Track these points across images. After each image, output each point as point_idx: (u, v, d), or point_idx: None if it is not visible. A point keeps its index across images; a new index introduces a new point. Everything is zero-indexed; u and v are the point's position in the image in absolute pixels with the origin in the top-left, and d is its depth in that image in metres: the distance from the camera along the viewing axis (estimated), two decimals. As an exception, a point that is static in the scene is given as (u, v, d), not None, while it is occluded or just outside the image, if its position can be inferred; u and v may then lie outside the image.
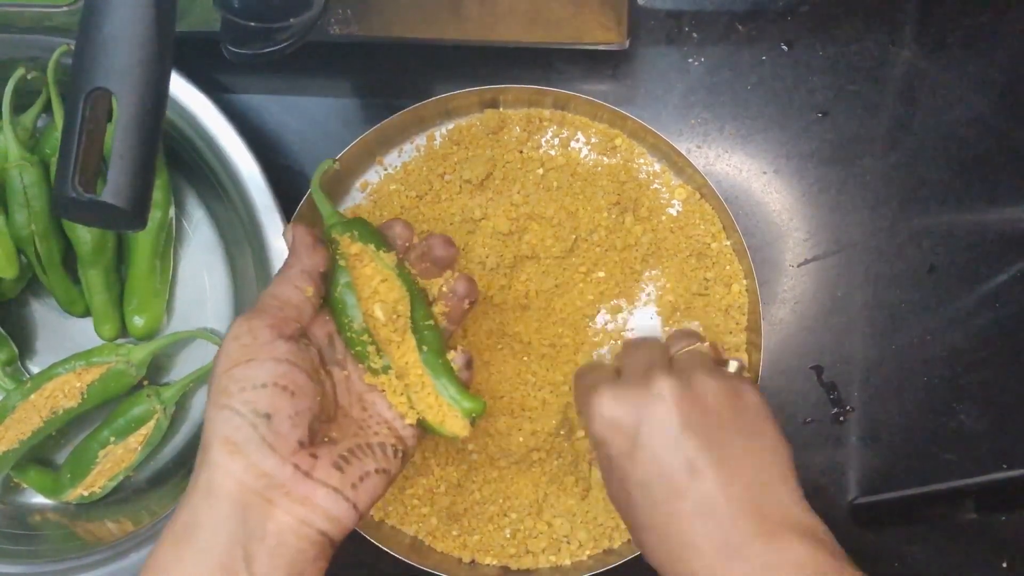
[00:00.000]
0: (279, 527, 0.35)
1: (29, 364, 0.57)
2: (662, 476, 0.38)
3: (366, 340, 0.42)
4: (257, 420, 0.36)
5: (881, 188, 0.56)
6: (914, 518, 0.55)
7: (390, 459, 0.40)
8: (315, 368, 0.40)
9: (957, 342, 0.55)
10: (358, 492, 0.38)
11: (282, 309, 0.40)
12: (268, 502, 0.36)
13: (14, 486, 0.56)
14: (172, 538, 0.36)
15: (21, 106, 0.52)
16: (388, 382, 0.42)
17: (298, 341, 0.39)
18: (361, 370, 0.43)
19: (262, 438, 0.36)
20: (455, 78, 0.55)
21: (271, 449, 0.36)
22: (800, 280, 0.56)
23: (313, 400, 0.38)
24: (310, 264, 0.42)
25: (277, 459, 0.36)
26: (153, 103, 0.35)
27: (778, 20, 0.56)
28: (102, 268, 0.53)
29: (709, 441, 0.38)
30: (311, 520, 0.36)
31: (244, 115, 0.57)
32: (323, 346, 0.42)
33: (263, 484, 0.36)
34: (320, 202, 0.46)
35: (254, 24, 0.45)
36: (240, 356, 0.37)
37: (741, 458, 0.38)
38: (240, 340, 0.38)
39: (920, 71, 0.56)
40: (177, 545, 0.35)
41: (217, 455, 0.36)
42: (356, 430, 0.41)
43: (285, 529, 0.36)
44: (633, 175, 0.54)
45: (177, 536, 0.36)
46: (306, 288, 0.41)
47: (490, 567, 0.53)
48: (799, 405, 0.56)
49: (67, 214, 0.35)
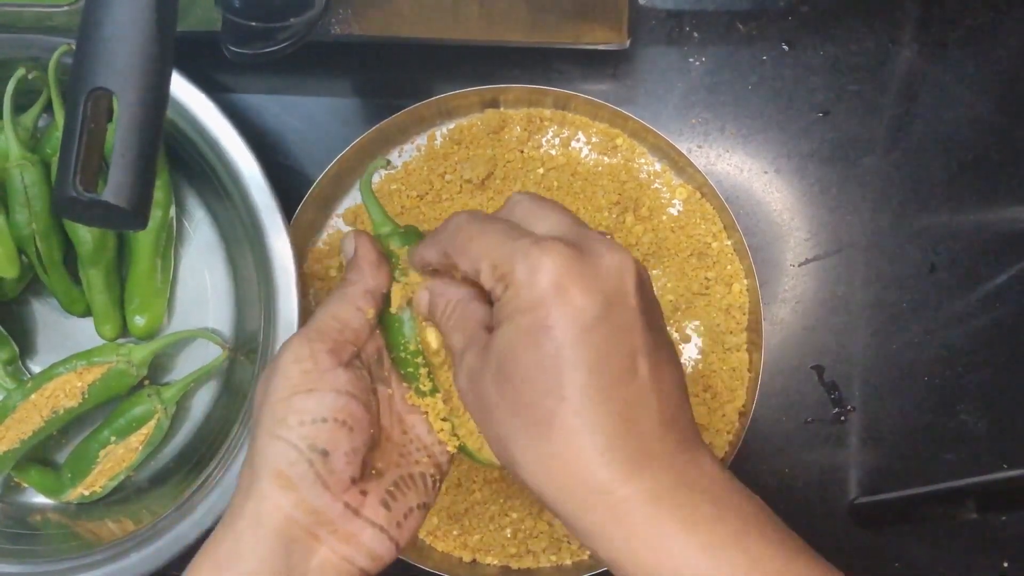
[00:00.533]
0: (322, 564, 0.35)
1: (30, 364, 0.57)
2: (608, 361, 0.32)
3: (419, 362, 0.40)
4: (314, 456, 0.35)
5: (881, 188, 0.56)
6: (914, 518, 0.55)
7: (430, 491, 0.39)
8: (368, 394, 0.38)
9: (957, 342, 0.55)
10: (402, 530, 0.37)
11: (342, 332, 0.38)
12: (314, 538, 0.35)
13: (15, 486, 0.56)
14: (213, 564, 0.35)
15: (22, 106, 0.52)
16: (433, 405, 0.40)
17: (354, 366, 0.38)
18: (404, 389, 0.41)
19: (317, 475, 0.35)
20: (455, 78, 0.55)
21: (324, 487, 0.35)
22: (801, 280, 0.56)
23: (367, 434, 0.37)
24: (374, 285, 0.39)
25: (329, 497, 0.35)
26: (154, 103, 0.35)
27: (779, 20, 0.56)
28: (103, 268, 0.53)
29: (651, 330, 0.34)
30: (354, 558, 0.36)
31: (245, 115, 0.57)
32: (372, 363, 0.40)
33: (311, 520, 0.35)
34: (371, 207, 0.42)
35: (255, 24, 0.45)
36: (301, 384, 0.36)
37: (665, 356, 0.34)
38: (301, 364, 0.36)
39: (920, 71, 0.56)
40: (218, 572, 0.35)
41: (268, 487, 0.35)
42: (398, 458, 0.39)
43: (328, 567, 0.35)
44: (634, 175, 0.54)
45: (219, 563, 0.35)
46: (368, 310, 0.39)
47: (491, 567, 0.53)
48: (799, 405, 0.56)
49: (68, 214, 0.35)
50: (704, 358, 0.54)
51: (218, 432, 0.54)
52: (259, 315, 0.52)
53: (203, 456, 0.54)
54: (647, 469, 0.32)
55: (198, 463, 0.54)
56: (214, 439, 0.54)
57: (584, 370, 0.32)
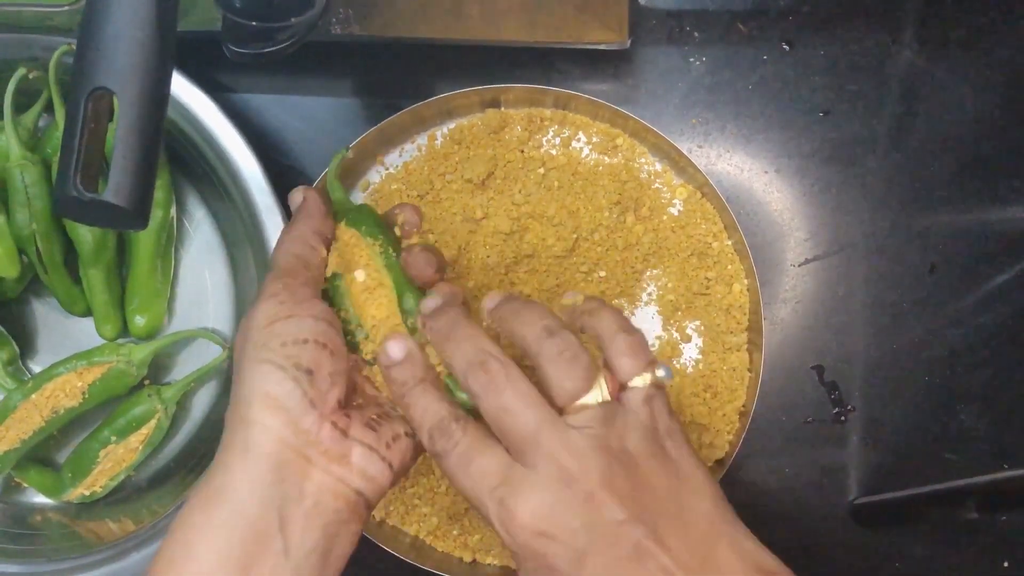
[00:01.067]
0: (317, 487, 0.35)
1: (30, 363, 0.57)
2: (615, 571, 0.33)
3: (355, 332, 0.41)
4: (299, 375, 0.35)
5: (882, 188, 0.56)
6: (914, 518, 0.55)
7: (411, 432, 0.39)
8: (340, 330, 0.39)
9: (957, 342, 0.55)
10: (392, 451, 0.37)
11: (307, 268, 0.39)
12: (306, 460, 0.35)
13: (15, 486, 0.56)
14: (202, 501, 0.35)
15: (22, 106, 0.52)
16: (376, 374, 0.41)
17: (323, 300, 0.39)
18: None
19: (303, 394, 0.35)
20: (456, 78, 0.55)
21: (311, 406, 0.35)
22: (801, 280, 0.56)
23: (346, 362, 0.38)
24: (322, 227, 0.41)
25: (316, 416, 0.35)
26: (154, 103, 0.35)
27: (779, 20, 0.56)
28: (103, 267, 0.53)
29: (651, 515, 0.34)
30: (348, 479, 0.36)
31: (245, 115, 0.57)
32: None
33: (301, 441, 0.35)
34: (335, 190, 0.45)
35: (255, 24, 0.45)
36: (279, 312, 0.37)
37: (681, 517, 0.35)
38: (278, 297, 0.37)
39: (921, 71, 0.56)
40: (207, 507, 0.34)
41: (257, 412, 0.35)
42: (374, 405, 0.40)
43: (323, 489, 0.35)
44: (634, 174, 0.54)
45: (208, 498, 0.34)
46: (320, 249, 0.40)
47: (491, 567, 0.53)
48: (799, 405, 0.56)
49: (68, 213, 0.35)
50: (704, 358, 0.54)
51: (218, 432, 0.53)
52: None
53: (203, 456, 0.54)
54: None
55: (198, 463, 0.54)
56: (214, 439, 0.53)
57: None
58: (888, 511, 0.55)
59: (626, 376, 0.37)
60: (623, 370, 0.37)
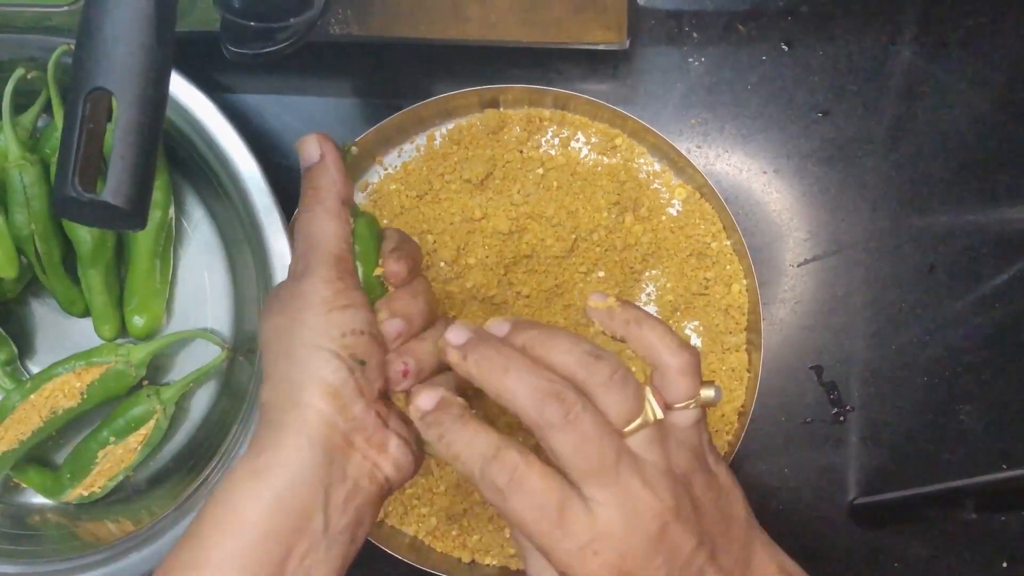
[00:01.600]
0: (357, 471, 0.36)
1: (29, 364, 0.57)
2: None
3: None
4: (355, 365, 0.37)
5: (881, 188, 0.56)
6: (914, 518, 0.55)
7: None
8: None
9: (957, 342, 0.55)
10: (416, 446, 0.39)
11: (351, 252, 0.39)
12: (350, 445, 0.36)
13: (14, 486, 0.56)
14: (250, 475, 0.35)
15: (21, 106, 0.52)
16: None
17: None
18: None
19: (356, 383, 0.37)
20: (455, 78, 0.55)
21: (360, 395, 0.37)
22: (800, 280, 0.56)
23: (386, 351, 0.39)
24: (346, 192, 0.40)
25: (364, 405, 0.37)
26: (153, 103, 0.35)
27: (778, 20, 0.56)
28: (102, 268, 0.53)
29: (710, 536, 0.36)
30: (382, 465, 0.37)
31: (244, 115, 0.57)
32: None
33: (351, 427, 0.36)
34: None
35: (254, 24, 0.45)
36: (335, 301, 0.37)
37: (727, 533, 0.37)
38: (334, 285, 0.38)
39: (920, 71, 0.56)
40: (256, 480, 0.35)
41: (312, 396, 0.36)
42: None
43: (362, 473, 0.37)
44: (633, 175, 0.54)
45: (256, 472, 0.35)
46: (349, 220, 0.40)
47: (490, 567, 0.53)
48: (799, 405, 0.56)
49: (67, 214, 0.35)
50: (703, 358, 0.54)
51: (217, 432, 0.54)
52: (258, 315, 0.52)
53: (202, 456, 0.54)
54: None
55: (197, 463, 0.54)
56: (213, 439, 0.54)
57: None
58: (887, 511, 0.55)
59: (680, 398, 0.37)
60: (678, 392, 0.37)
